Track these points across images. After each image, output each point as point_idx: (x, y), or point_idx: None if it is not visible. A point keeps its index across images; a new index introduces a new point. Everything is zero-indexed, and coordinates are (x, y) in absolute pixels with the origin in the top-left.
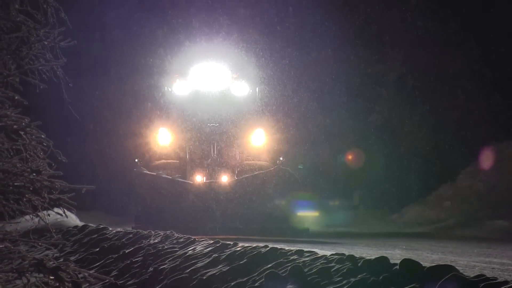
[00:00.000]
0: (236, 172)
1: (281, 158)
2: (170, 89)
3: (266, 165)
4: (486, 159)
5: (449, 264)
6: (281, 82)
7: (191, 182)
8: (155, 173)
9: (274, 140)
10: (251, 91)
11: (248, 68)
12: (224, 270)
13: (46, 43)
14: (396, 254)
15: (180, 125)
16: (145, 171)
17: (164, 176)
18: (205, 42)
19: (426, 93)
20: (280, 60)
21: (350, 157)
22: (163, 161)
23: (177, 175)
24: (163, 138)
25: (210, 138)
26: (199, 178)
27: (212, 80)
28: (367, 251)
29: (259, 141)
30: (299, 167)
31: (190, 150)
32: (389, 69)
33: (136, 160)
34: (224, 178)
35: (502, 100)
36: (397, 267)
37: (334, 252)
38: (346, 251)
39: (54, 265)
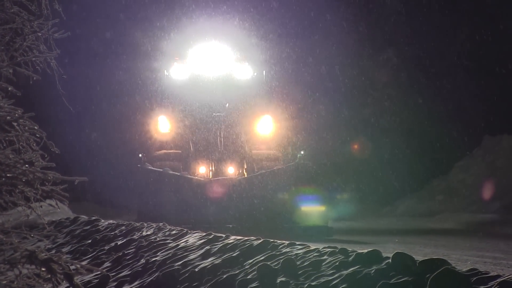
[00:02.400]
0: (245, 164)
1: (302, 152)
2: (168, 74)
3: (275, 155)
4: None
5: (441, 258)
6: (286, 65)
7: (202, 179)
8: (161, 170)
9: (282, 127)
10: (255, 74)
11: (252, 49)
12: (216, 262)
13: (40, 34)
14: (388, 247)
15: (181, 113)
16: (150, 167)
17: (171, 172)
18: (205, 20)
19: (419, 87)
20: (285, 41)
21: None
22: (164, 151)
23: (181, 168)
24: (163, 127)
25: (215, 129)
26: (202, 170)
27: (212, 62)
28: (359, 245)
29: (266, 128)
30: (298, 155)
31: (194, 140)
32: (382, 64)
33: (140, 155)
34: (231, 170)
35: (495, 95)
36: (389, 260)
37: (326, 245)
38: (339, 245)
39: (46, 256)
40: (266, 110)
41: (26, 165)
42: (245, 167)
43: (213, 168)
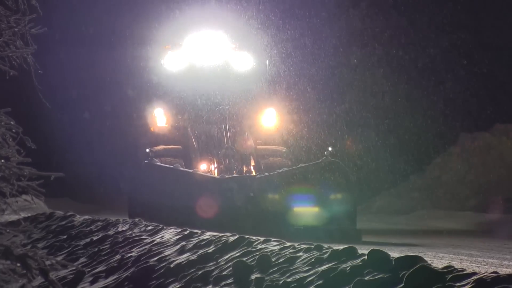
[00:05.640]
0: (252, 160)
1: (330, 149)
2: (162, 63)
3: (281, 150)
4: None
5: (417, 255)
6: (288, 56)
7: (218, 177)
8: (172, 166)
9: (287, 121)
10: (254, 64)
11: (252, 38)
12: (192, 258)
13: (16, 30)
14: (364, 245)
15: (179, 106)
16: (158, 163)
17: (182, 169)
18: (201, 7)
19: (396, 84)
20: (288, 29)
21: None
22: (163, 146)
23: (183, 164)
24: (160, 121)
25: (220, 123)
26: (203, 167)
27: (208, 52)
28: (334, 242)
29: (270, 122)
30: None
31: (196, 135)
32: (363, 60)
33: (148, 150)
34: (236, 166)
35: (471, 92)
36: (365, 257)
37: (302, 242)
38: (314, 243)
39: (22, 252)
40: (269, 102)
41: (2, 160)
42: (253, 163)
43: (218, 165)
